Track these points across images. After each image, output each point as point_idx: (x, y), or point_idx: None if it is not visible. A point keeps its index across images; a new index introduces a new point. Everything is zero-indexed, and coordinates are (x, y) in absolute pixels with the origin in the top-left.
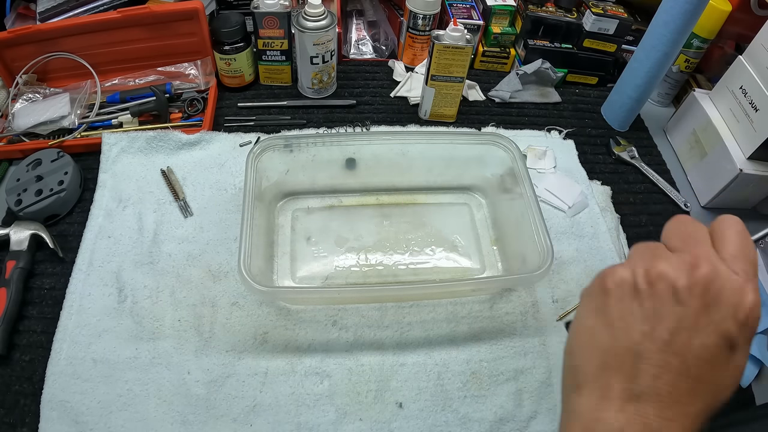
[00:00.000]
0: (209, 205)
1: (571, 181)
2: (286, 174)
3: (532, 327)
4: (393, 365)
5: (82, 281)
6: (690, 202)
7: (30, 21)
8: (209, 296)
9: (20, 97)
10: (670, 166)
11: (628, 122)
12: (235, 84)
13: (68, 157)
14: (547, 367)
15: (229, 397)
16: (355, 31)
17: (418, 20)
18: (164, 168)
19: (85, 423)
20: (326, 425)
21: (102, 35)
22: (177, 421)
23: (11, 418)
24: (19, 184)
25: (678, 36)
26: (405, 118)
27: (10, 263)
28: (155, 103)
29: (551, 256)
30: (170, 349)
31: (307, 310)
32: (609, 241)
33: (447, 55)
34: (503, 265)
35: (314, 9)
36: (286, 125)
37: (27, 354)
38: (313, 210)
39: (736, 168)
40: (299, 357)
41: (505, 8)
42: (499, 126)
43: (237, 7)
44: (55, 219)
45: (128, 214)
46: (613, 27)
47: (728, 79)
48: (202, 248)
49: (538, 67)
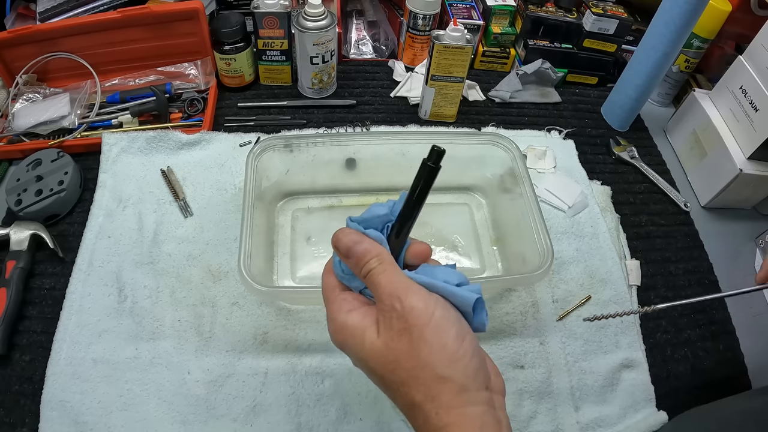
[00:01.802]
0: (209, 205)
1: (571, 181)
2: (286, 174)
3: (532, 327)
4: None
5: (82, 281)
6: (690, 202)
7: (30, 21)
8: (209, 296)
9: (20, 97)
10: (670, 166)
11: (628, 122)
12: (235, 84)
13: (68, 157)
14: (547, 367)
15: (229, 397)
16: (355, 31)
17: (418, 20)
18: (164, 168)
19: (85, 423)
20: (326, 425)
21: (102, 35)
22: (177, 421)
23: (11, 418)
24: (19, 184)
25: (678, 36)
26: (405, 118)
27: (10, 263)
28: (155, 103)
29: (551, 256)
30: (170, 349)
31: (307, 310)
32: (609, 241)
33: (447, 55)
34: (503, 265)
35: (314, 9)
36: (286, 125)
37: (27, 354)
38: (313, 210)
39: (736, 168)
40: (299, 357)
41: (505, 8)
42: (499, 126)
43: (237, 7)
44: (55, 219)
45: (128, 214)
46: (613, 27)
47: (728, 79)
48: (202, 248)
49: (538, 67)
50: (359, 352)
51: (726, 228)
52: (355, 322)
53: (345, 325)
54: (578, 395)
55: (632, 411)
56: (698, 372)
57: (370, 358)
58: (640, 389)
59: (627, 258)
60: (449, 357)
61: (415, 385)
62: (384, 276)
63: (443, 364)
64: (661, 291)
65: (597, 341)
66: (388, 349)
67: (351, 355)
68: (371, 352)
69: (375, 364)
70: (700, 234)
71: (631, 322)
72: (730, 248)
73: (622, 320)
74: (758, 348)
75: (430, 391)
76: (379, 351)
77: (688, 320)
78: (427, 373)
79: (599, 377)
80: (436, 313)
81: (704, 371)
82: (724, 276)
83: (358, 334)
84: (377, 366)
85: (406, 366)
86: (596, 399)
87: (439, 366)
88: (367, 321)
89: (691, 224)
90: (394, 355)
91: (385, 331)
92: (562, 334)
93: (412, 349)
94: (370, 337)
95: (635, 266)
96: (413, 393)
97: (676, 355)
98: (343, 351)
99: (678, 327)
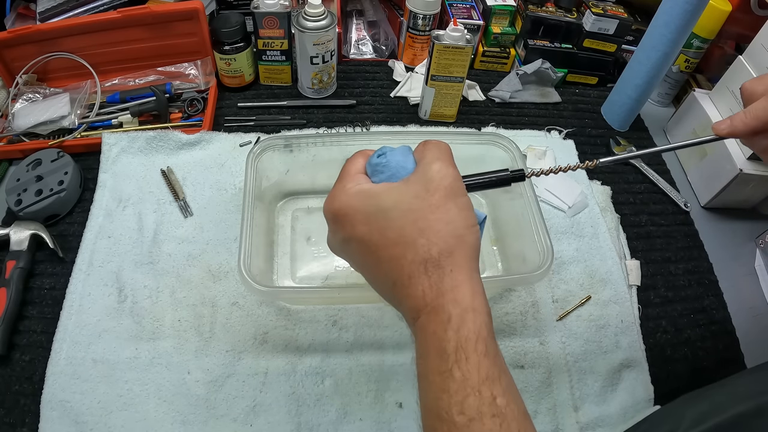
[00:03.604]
0: (209, 205)
1: (571, 181)
2: (286, 174)
3: (532, 327)
4: (393, 365)
5: (82, 281)
6: (690, 202)
7: (30, 21)
8: (209, 296)
9: (20, 97)
10: (670, 166)
11: (628, 122)
12: (235, 84)
13: (68, 157)
14: (547, 367)
15: (229, 397)
16: (355, 31)
17: (418, 20)
18: (164, 168)
19: (85, 423)
20: (326, 425)
21: (102, 35)
22: (177, 421)
23: (11, 418)
24: (19, 184)
25: (678, 36)
26: (405, 118)
27: (10, 263)
28: (155, 103)
29: (551, 256)
30: (170, 349)
31: (307, 310)
32: (609, 241)
33: (447, 55)
34: (503, 265)
35: (314, 9)
36: (286, 125)
37: (27, 354)
38: (313, 210)
39: (736, 168)
40: (299, 357)
41: (505, 8)
42: (499, 126)
43: (237, 7)
44: (55, 219)
45: (128, 214)
46: (613, 27)
47: (728, 79)
48: (202, 248)
49: (538, 67)
50: (378, 202)
51: (726, 228)
52: (373, 186)
53: (361, 189)
54: (578, 395)
55: (632, 411)
56: (698, 372)
57: (392, 207)
58: (640, 389)
59: (627, 258)
60: (469, 222)
61: (436, 238)
62: (428, 149)
63: (463, 225)
64: (661, 291)
65: (597, 341)
66: (417, 198)
67: (355, 215)
68: (397, 200)
69: (397, 213)
70: (700, 234)
71: (631, 322)
72: (730, 248)
73: (622, 320)
74: (758, 348)
75: (448, 247)
76: (405, 200)
77: (688, 320)
78: (450, 229)
79: (599, 377)
80: (461, 187)
81: (704, 371)
82: (724, 276)
83: (377, 191)
84: (398, 215)
85: (431, 217)
86: (596, 399)
87: (461, 226)
88: (388, 185)
89: (691, 224)
90: (419, 205)
91: (416, 183)
92: (562, 334)
93: (441, 205)
94: (396, 188)
95: (635, 266)
96: (431, 245)
97: (676, 355)
98: (343, 219)
99: (678, 327)
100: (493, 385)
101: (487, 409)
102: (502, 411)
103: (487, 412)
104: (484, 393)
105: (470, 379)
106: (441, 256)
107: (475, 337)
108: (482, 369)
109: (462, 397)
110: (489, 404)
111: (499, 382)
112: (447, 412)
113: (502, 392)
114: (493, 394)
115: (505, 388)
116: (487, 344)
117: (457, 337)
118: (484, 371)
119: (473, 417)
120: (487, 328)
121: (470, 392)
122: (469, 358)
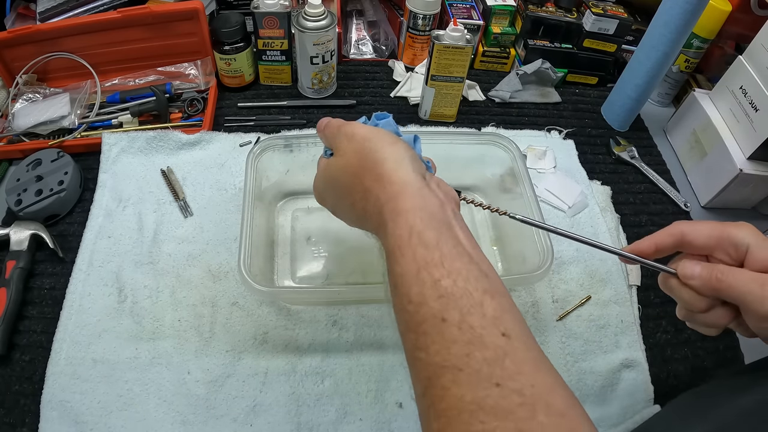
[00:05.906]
0: (209, 205)
1: (571, 181)
2: (286, 174)
3: (532, 327)
4: (393, 365)
5: (82, 281)
6: (690, 202)
7: (30, 21)
8: (209, 296)
9: (20, 97)
10: (670, 166)
11: (628, 122)
12: (235, 84)
13: (68, 157)
14: None
15: (229, 397)
16: (355, 31)
17: (418, 20)
18: (164, 168)
19: (85, 423)
20: (326, 425)
21: (102, 35)
22: (177, 421)
23: (11, 418)
24: (19, 184)
25: (678, 36)
26: (405, 118)
27: (10, 263)
28: (155, 103)
29: (551, 256)
30: (170, 349)
31: (307, 310)
32: (609, 241)
33: (447, 55)
34: (503, 265)
35: (314, 9)
36: (286, 125)
37: (27, 354)
38: (313, 210)
39: (736, 168)
40: (299, 357)
41: (505, 8)
42: (499, 126)
43: (237, 7)
44: (55, 219)
45: (128, 214)
46: (613, 27)
47: (728, 79)
48: (202, 248)
49: (538, 67)
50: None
51: None
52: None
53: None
54: (578, 395)
55: (632, 411)
56: (698, 372)
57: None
58: (640, 389)
59: None
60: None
61: (365, 174)
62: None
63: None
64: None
65: (597, 341)
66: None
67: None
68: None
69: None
70: None
71: (631, 322)
72: None
73: (622, 320)
74: (758, 348)
75: (375, 171)
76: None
77: None
78: (370, 162)
79: (599, 377)
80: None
81: (704, 371)
82: None
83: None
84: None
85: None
86: (596, 399)
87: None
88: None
89: None
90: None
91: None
92: (562, 334)
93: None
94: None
95: (635, 266)
96: (366, 181)
97: (676, 355)
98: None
99: (678, 327)
100: (433, 269)
101: (430, 291)
102: (449, 291)
103: (431, 295)
104: (424, 278)
105: (408, 271)
106: (373, 184)
107: (408, 234)
108: (418, 258)
109: (407, 289)
110: (432, 287)
111: (442, 266)
112: (401, 309)
113: (446, 274)
114: (435, 277)
115: (450, 270)
116: (422, 236)
117: (393, 239)
118: (421, 259)
119: (420, 302)
120: (423, 222)
121: (412, 281)
122: (404, 253)
